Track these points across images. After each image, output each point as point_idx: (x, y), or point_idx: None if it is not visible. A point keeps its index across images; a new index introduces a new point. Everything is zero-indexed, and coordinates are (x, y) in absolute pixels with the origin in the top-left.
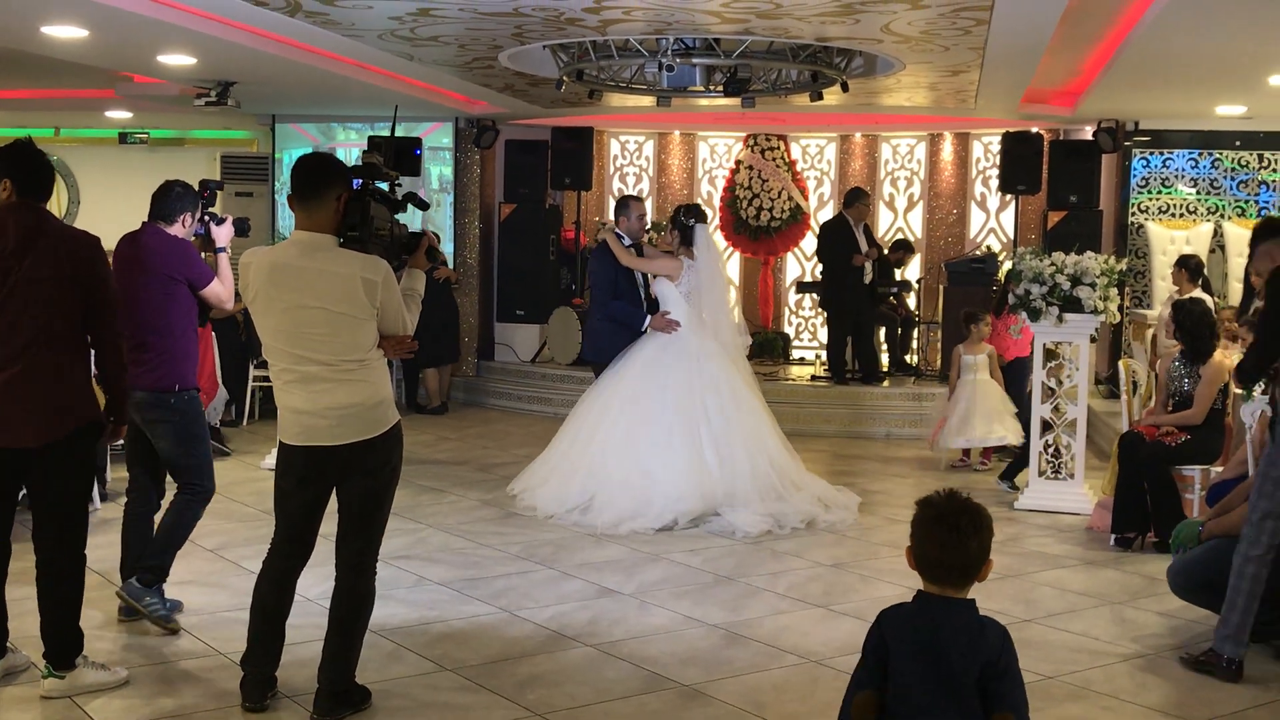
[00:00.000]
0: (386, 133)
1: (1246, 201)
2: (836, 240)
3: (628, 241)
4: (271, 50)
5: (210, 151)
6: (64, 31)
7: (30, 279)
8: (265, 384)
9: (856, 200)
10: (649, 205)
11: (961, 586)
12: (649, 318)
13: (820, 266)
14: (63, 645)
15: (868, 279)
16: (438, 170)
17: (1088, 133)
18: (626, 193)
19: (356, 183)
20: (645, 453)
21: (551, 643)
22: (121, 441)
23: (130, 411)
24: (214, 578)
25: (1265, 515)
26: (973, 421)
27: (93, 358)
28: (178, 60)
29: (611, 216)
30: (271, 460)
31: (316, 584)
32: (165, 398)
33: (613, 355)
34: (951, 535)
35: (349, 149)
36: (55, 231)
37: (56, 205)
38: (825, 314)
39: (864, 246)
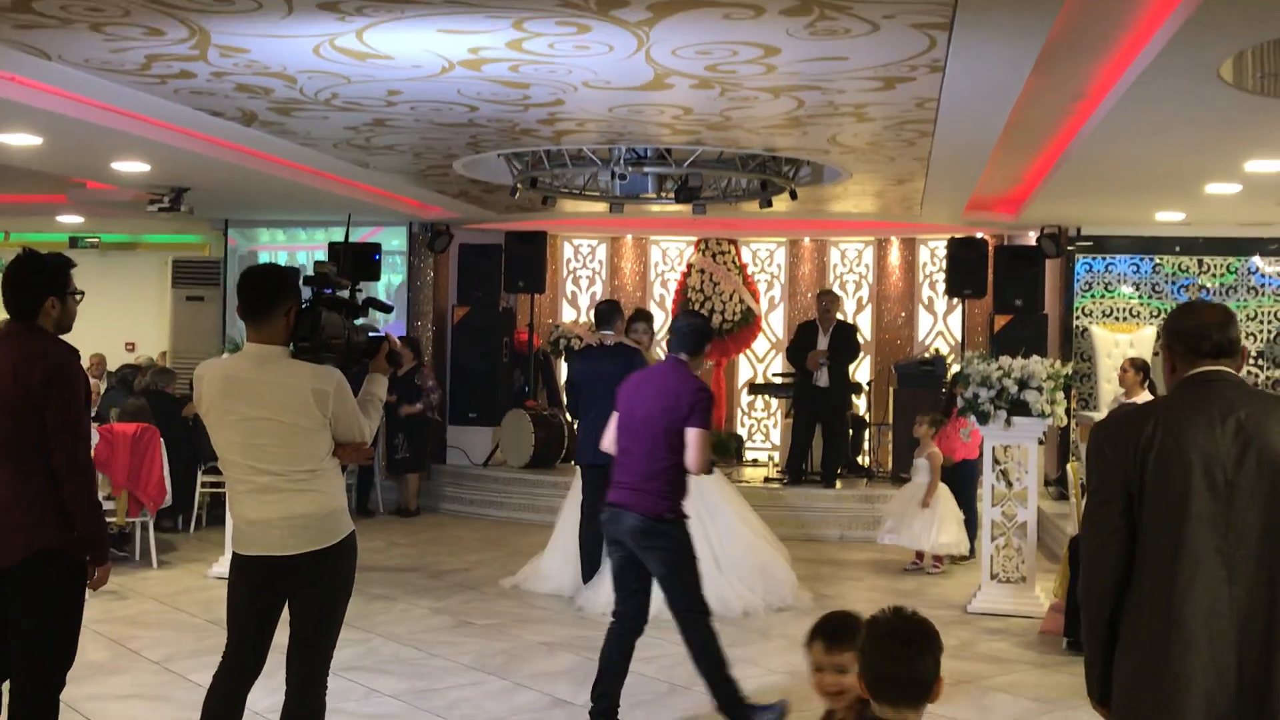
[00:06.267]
0: (339, 238)
1: None
2: (799, 342)
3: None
4: (226, 158)
5: (162, 256)
6: (18, 139)
7: None
8: (214, 490)
9: (817, 301)
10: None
11: (917, 705)
12: None
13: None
14: None
15: (817, 382)
16: (386, 278)
17: (1031, 238)
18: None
19: (311, 291)
20: (760, 535)
21: None
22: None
23: None
24: (160, 690)
25: None
26: (907, 521)
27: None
28: (132, 167)
29: (606, 326)
30: (219, 569)
31: (265, 696)
32: None
33: None
34: (905, 650)
35: (276, 251)
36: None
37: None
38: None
39: (823, 347)
